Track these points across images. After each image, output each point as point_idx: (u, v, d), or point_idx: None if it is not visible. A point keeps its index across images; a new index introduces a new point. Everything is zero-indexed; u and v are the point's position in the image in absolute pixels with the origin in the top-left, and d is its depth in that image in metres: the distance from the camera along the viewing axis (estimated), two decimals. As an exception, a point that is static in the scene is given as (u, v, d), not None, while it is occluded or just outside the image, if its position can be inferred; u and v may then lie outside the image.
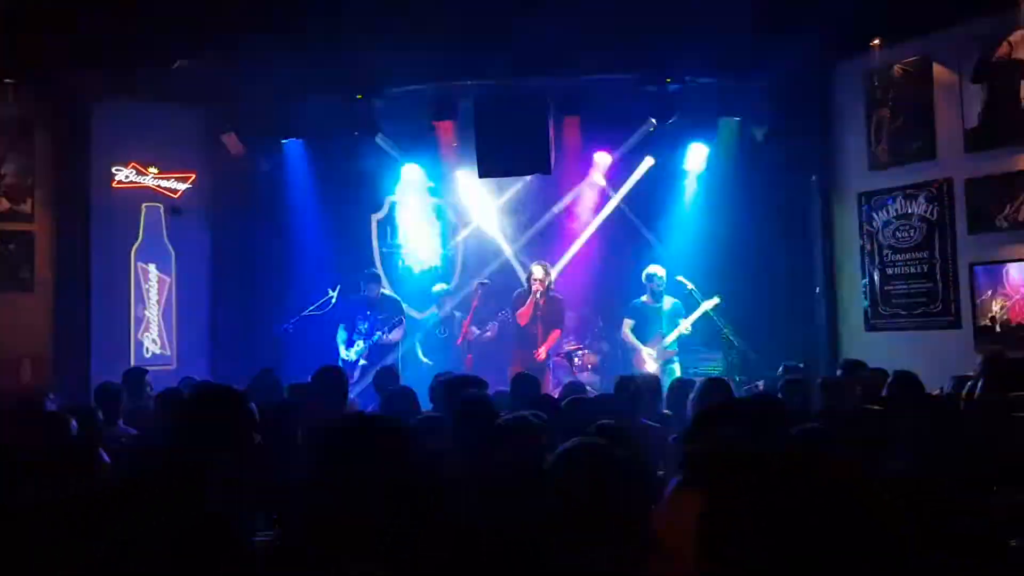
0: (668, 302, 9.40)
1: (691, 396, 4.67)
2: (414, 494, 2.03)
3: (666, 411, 5.87)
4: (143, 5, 7.30)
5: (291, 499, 2.89)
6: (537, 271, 9.24)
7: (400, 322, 9.46)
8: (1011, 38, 8.04)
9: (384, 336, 9.33)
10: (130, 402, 6.05)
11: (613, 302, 10.02)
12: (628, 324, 9.42)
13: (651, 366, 9.03)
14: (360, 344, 9.46)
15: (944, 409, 4.13)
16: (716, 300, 8.98)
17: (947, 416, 3.87)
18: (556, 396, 6.11)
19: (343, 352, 9.50)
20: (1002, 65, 8.10)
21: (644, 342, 9.30)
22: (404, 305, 10.05)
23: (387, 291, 9.92)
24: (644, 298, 9.43)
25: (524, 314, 9.19)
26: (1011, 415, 3.74)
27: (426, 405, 5.96)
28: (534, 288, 9.16)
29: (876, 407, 4.71)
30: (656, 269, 9.43)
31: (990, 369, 4.42)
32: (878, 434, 4.07)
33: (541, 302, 9.17)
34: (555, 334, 9.34)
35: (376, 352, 9.35)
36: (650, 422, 5.45)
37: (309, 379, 5.68)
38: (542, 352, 9.20)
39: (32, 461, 3.39)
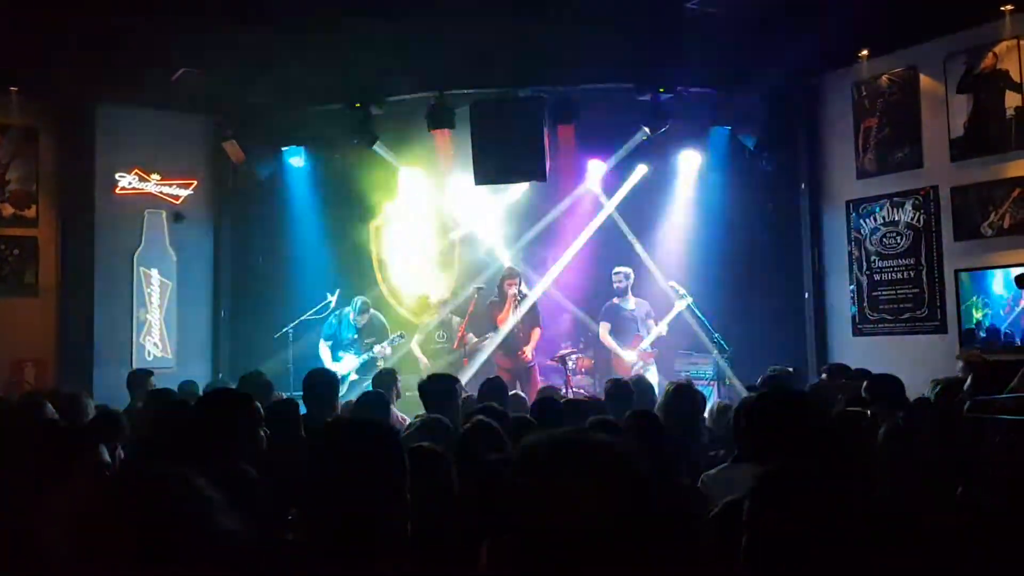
0: (635, 302, 9.61)
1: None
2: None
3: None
4: (146, 13, 7.42)
5: (292, 497, 2.99)
6: (510, 276, 9.55)
7: (394, 340, 9.66)
8: (996, 49, 8.21)
9: (383, 349, 9.52)
10: (131, 405, 6.18)
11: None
12: (605, 327, 9.64)
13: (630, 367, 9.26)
14: (352, 359, 9.61)
15: (917, 411, 4.30)
16: (688, 300, 9.19)
17: (919, 418, 4.03)
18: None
19: (330, 365, 9.62)
20: (987, 76, 8.28)
21: (622, 344, 9.50)
22: (402, 309, 10.23)
23: (376, 314, 10.04)
24: (615, 299, 9.66)
25: (504, 318, 9.42)
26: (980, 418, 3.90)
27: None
28: (510, 293, 9.40)
29: (856, 409, 4.88)
30: (620, 268, 9.67)
31: (973, 373, 4.58)
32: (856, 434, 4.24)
33: (517, 305, 9.45)
34: (536, 332, 9.61)
35: (370, 365, 9.54)
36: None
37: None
38: (528, 352, 9.45)
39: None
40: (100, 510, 1.68)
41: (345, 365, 9.57)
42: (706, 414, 5.79)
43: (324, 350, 9.73)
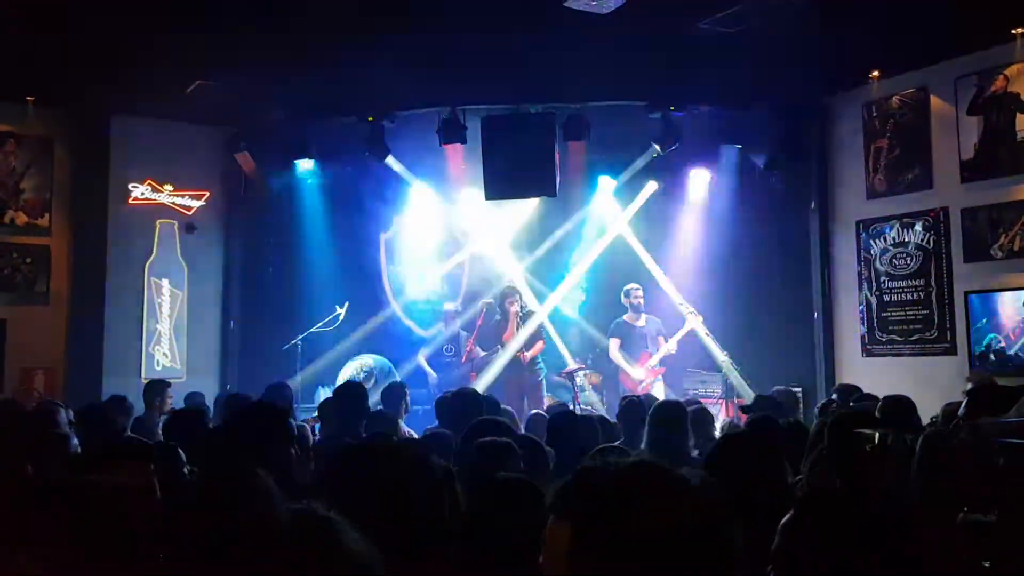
0: (645, 319, 9.64)
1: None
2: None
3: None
4: (161, 26, 7.48)
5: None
6: (509, 294, 9.76)
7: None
8: (1007, 72, 8.22)
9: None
10: (146, 414, 6.21)
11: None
12: (615, 343, 9.66)
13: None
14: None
15: (928, 433, 4.28)
16: (700, 319, 9.20)
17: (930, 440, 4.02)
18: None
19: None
20: (998, 98, 8.29)
21: (631, 361, 9.52)
22: (410, 322, 10.27)
23: (378, 367, 10.13)
24: (626, 317, 9.67)
25: (509, 336, 9.63)
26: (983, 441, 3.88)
27: (431, 420, 6.15)
28: (512, 311, 9.59)
29: (865, 431, 4.86)
30: (633, 285, 9.68)
31: (972, 398, 4.56)
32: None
33: (520, 322, 9.64)
34: (539, 345, 9.76)
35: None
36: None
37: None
38: (526, 355, 9.57)
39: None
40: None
41: None
42: (716, 433, 5.79)
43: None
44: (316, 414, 6.34)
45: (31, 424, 4.63)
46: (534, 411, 7.48)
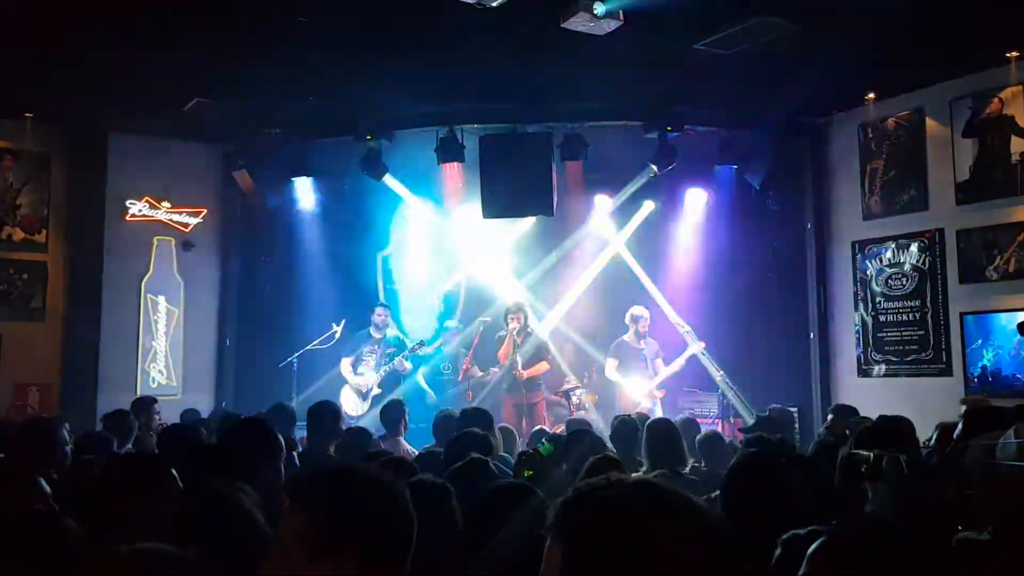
0: (644, 342, 9.63)
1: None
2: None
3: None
4: (161, 44, 7.50)
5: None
6: (512, 310, 9.55)
7: (412, 350, 9.73)
8: (1002, 95, 8.29)
9: (403, 363, 9.61)
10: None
11: (611, 343, 10.16)
12: (613, 364, 9.61)
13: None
14: (372, 375, 9.65)
15: (920, 455, 4.28)
16: (702, 345, 9.19)
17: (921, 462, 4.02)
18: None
19: (352, 379, 9.66)
20: (993, 120, 8.35)
21: (629, 382, 9.49)
22: (409, 341, 10.26)
23: (392, 331, 10.10)
24: (627, 337, 9.63)
25: (503, 353, 9.47)
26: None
27: (429, 439, 6.14)
28: (509, 328, 9.43)
29: (863, 451, 4.86)
30: (641, 310, 9.65)
31: (969, 418, 4.57)
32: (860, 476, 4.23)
33: (519, 340, 9.40)
34: (541, 365, 9.56)
35: (389, 380, 9.58)
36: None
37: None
38: (523, 373, 9.33)
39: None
40: None
41: (367, 380, 9.60)
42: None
43: (346, 366, 9.76)
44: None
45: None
46: (537, 427, 7.47)
